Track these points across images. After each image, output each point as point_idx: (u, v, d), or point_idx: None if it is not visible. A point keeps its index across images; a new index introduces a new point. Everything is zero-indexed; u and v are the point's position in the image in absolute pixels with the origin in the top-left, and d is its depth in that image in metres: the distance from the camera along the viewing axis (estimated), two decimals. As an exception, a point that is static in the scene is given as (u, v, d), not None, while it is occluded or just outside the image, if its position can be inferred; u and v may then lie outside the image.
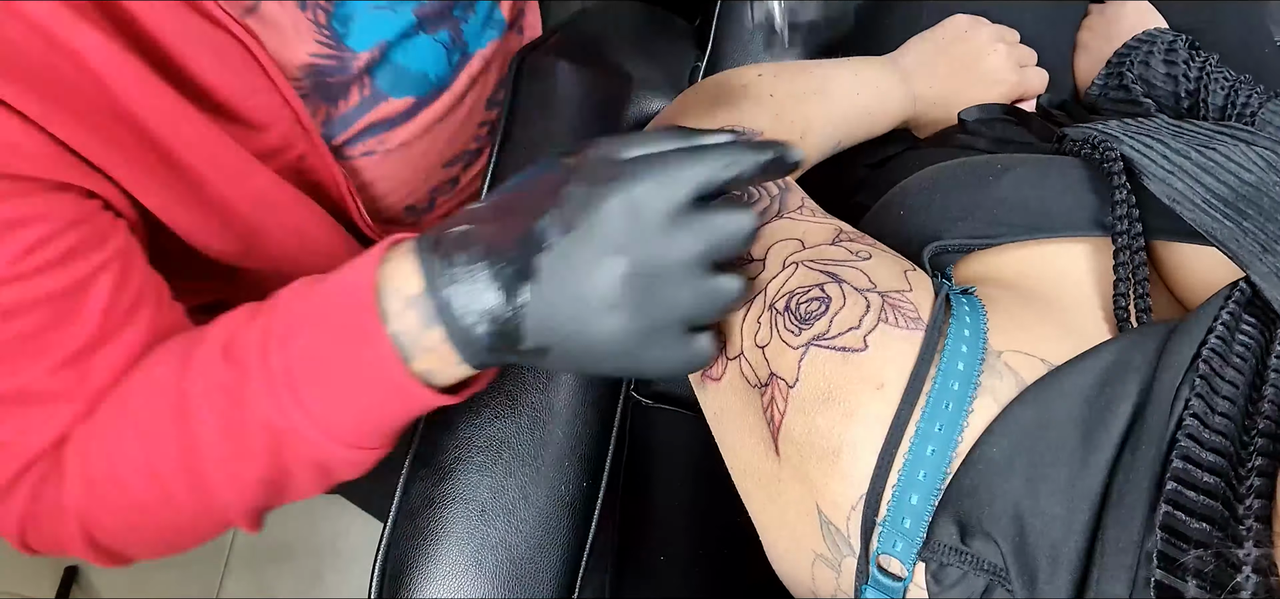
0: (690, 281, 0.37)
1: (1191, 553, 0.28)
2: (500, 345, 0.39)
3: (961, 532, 0.32)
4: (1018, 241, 0.42)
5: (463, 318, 0.38)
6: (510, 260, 0.37)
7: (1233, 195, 0.39)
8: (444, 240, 0.38)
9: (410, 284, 0.39)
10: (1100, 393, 0.33)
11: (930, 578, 0.32)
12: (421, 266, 0.38)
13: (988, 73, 0.63)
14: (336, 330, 0.40)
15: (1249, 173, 0.40)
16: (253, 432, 0.41)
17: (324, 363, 0.40)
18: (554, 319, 0.37)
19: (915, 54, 0.64)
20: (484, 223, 0.38)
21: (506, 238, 0.37)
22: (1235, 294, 0.35)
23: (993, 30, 0.64)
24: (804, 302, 0.38)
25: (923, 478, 0.33)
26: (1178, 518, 0.28)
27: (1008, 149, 0.55)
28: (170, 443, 0.43)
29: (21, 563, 1.33)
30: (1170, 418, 0.31)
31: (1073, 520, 0.31)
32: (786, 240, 0.41)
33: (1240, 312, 0.35)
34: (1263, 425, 0.30)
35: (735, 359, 0.40)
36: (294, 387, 0.40)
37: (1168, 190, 0.40)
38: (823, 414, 0.35)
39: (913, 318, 0.36)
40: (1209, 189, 0.39)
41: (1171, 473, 0.29)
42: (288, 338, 0.40)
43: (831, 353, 0.36)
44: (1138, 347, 0.34)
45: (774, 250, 0.41)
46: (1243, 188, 0.39)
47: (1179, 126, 0.45)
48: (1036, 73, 0.65)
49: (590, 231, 0.36)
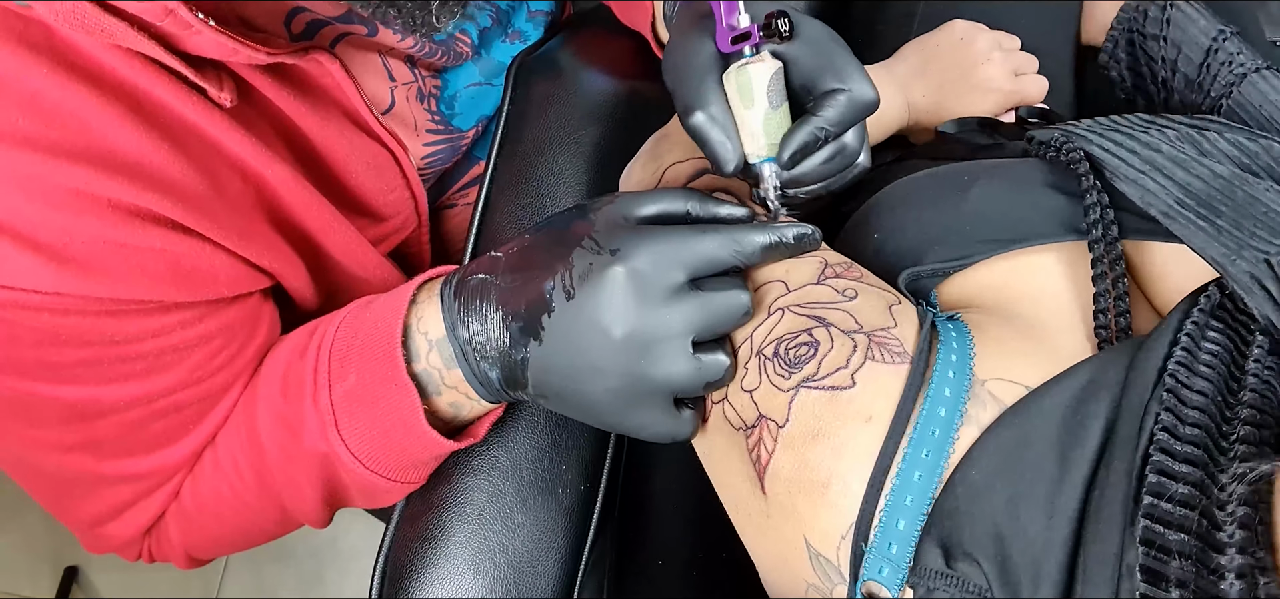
0: (680, 357, 0.38)
1: (1173, 563, 0.28)
2: (509, 386, 0.43)
3: (946, 555, 0.32)
4: (992, 257, 0.42)
5: (478, 362, 0.42)
6: (518, 317, 0.40)
7: (1206, 191, 0.38)
8: (465, 287, 0.43)
9: (434, 328, 0.43)
10: (1075, 412, 0.33)
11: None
12: (443, 312, 0.43)
13: (983, 81, 0.62)
14: (370, 374, 0.44)
15: (1222, 166, 0.40)
16: (310, 460, 0.46)
17: (360, 402, 0.44)
18: (551, 374, 0.40)
19: (910, 61, 0.64)
20: (502, 273, 0.42)
21: (518, 297, 0.40)
22: (1200, 302, 0.35)
23: (991, 37, 0.63)
24: (793, 347, 0.38)
25: (909, 503, 0.33)
26: (1155, 530, 0.28)
27: (982, 154, 0.55)
28: (248, 474, 0.48)
29: (21, 563, 1.34)
30: (1140, 432, 0.31)
31: (1053, 538, 0.31)
32: (771, 282, 0.41)
33: (1206, 319, 0.35)
34: (1242, 431, 0.30)
35: (720, 403, 0.40)
36: (337, 423, 0.44)
37: (1140, 191, 0.40)
38: (812, 449, 0.35)
39: (898, 352, 0.37)
40: (1182, 186, 0.39)
41: (1146, 486, 0.29)
42: (333, 379, 0.45)
43: (820, 392, 0.36)
44: (1111, 364, 0.34)
45: (758, 294, 0.41)
46: (1215, 182, 0.39)
47: (1151, 120, 0.45)
48: (1035, 81, 0.63)
49: (589, 303, 0.38)
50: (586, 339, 0.38)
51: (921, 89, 0.62)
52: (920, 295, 0.43)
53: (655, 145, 0.54)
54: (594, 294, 0.38)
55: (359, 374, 0.44)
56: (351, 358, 0.45)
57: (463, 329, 0.42)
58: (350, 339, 0.45)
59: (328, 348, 0.46)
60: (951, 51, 0.63)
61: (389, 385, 0.43)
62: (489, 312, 0.41)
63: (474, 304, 0.42)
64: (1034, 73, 0.64)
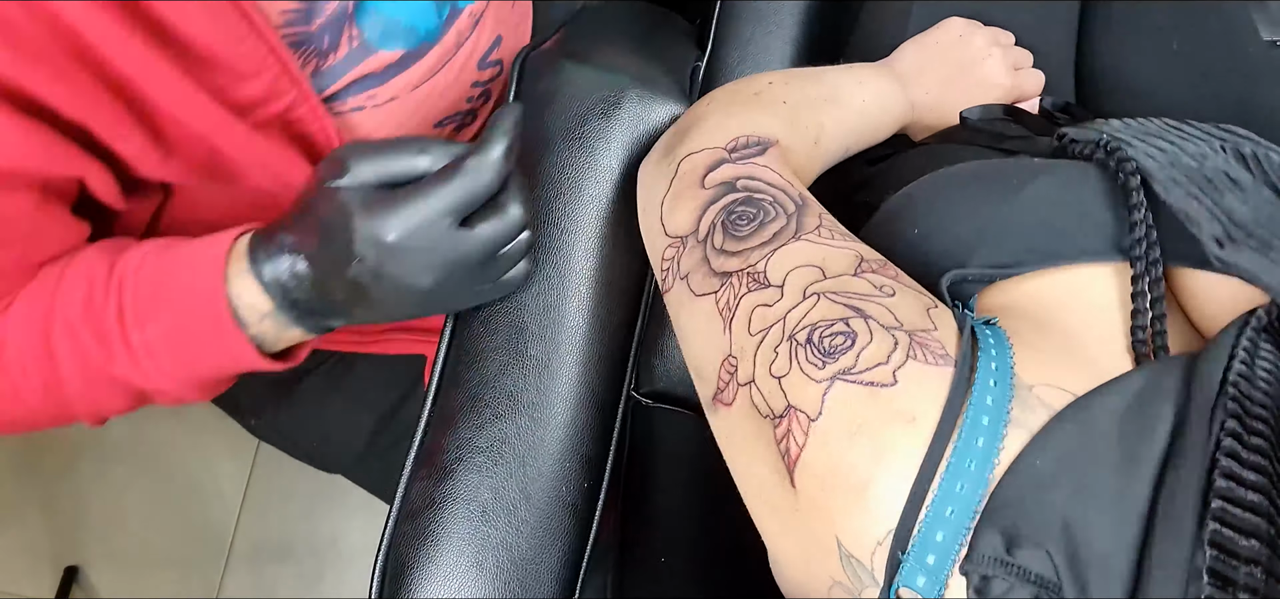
0: (483, 274, 0.49)
1: (1242, 569, 0.28)
2: (315, 306, 0.49)
3: (1007, 543, 0.31)
4: (1038, 270, 0.41)
5: (286, 288, 0.48)
6: (340, 289, 0.48)
7: (1255, 216, 0.38)
8: (265, 236, 0.49)
9: (243, 268, 0.48)
10: (1138, 413, 0.32)
11: (973, 592, 0.31)
12: (248, 254, 0.48)
13: (984, 78, 0.62)
14: (187, 310, 0.48)
15: (1266, 188, 0.39)
16: (117, 386, 0.50)
17: (180, 339, 0.49)
18: (382, 292, 0.47)
19: (910, 59, 0.64)
20: (291, 229, 0.48)
21: (330, 279, 0.47)
22: (1253, 322, 0.35)
23: (988, 34, 0.64)
24: (828, 335, 0.37)
25: (950, 515, 0.32)
26: (1226, 535, 0.28)
27: (1007, 143, 0.54)
28: (36, 380, 0.50)
29: (21, 563, 1.33)
30: (1208, 438, 0.31)
31: (1121, 534, 0.30)
32: (805, 266, 0.40)
33: (1258, 338, 0.34)
34: None
35: (747, 386, 0.39)
36: (156, 358, 0.48)
37: (1186, 210, 0.39)
38: (851, 448, 0.34)
39: (941, 355, 0.35)
40: (1230, 212, 0.38)
41: (1216, 491, 0.29)
42: (147, 318, 0.48)
43: (859, 388, 0.35)
44: (1166, 373, 0.34)
45: (793, 277, 0.40)
46: (1265, 206, 0.38)
47: (1181, 128, 0.45)
48: (1032, 75, 0.64)
49: (393, 290, 0.47)
50: (405, 286, 0.47)
51: (923, 87, 0.62)
52: (961, 298, 0.42)
53: (670, 139, 0.53)
54: (395, 287, 0.46)
55: (177, 315, 0.48)
56: (167, 301, 0.48)
57: (267, 265, 0.48)
58: (163, 281, 0.48)
59: (138, 285, 0.48)
60: (951, 49, 0.63)
61: (209, 321, 0.48)
62: (297, 265, 0.48)
63: (279, 254, 0.48)
64: (1030, 67, 0.65)
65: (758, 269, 0.41)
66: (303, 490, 1.34)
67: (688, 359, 0.45)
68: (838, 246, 0.41)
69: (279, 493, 1.35)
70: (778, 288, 0.40)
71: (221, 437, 1.34)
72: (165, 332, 0.48)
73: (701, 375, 0.43)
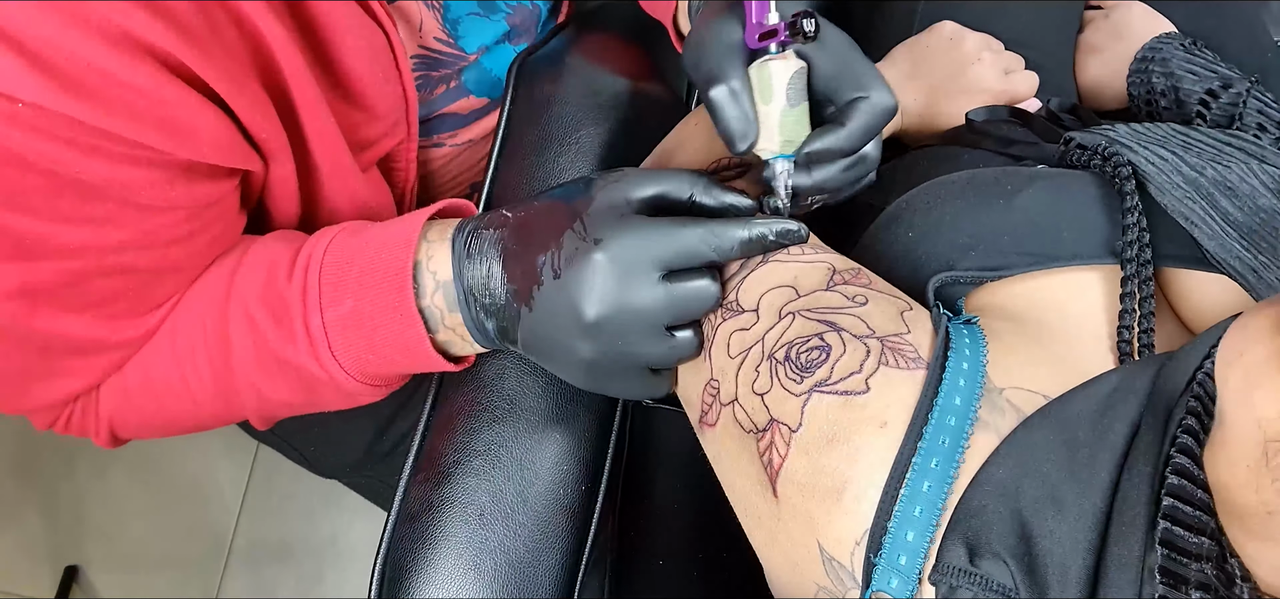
0: (651, 339, 0.42)
1: (1193, 566, 0.28)
2: (501, 338, 0.47)
3: (970, 553, 0.32)
4: (1027, 273, 0.42)
5: (478, 311, 0.46)
6: (514, 280, 0.44)
7: (1249, 223, 0.39)
8: (476, 237, 0.46)
9: (443, 270, 0.46)
10: (1102, 416, 0.33)
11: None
12: (453, 258, 0.46)
13: (973, 81, 0.62)
14: (374, 301, 0.46)
15: (1264, 197, 0.40)
16: (289, 373, 0.48)
17: (362, 329, 0.47)
18: (538, 339, 0.44)
19: (901, 64, 0.64)
20: (510, 233, 0.45)
21: (516, 263, 0.44)
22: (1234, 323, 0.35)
23: (977, 39, 0.63)
24: (804, 351, 0.38)
25: (918, 514, 0.33)
26: (1176, 533, 0.29)
27: (1014, 148, 0.55)
28: (206, 370, 0.49)
29: (21, 563, 1.34)
30: (1165, 437, 0.31)
31: (1079, 539, 0.31)
32: (778, 288, 0.42)
33: None
34: None
35: (729, 405, 0.40)
36: (334, 347, 0.47)
37: (1184, 212, 0.40)
38: (827, 455, 0.35)
39: (913, 358, 0.37)
40: (1226, 215, 0.39)
41: (1167, 488, 0.29)
42: (329, 304, 0.46)
43: (835, 397, 0.36)
44: (1140, 373, 0.34)
45: (767, 300, 0.41)
46: (1260, 213, 0.39)
47: (1187, 135, 0.45)
48: (1024, 77, 0.64)
49: (571, 285, 0.42)
50: (567, 317, 0.42)
51: (913, 92, 0.62)
52: (950, 300, 0.43)
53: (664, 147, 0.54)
54: (575, 278, 0.41)
55: (357, 301, 0.46)
56: (348, 285, 0.46)
57: (468, 277, 0.45)
58: (345, 264, 0.47)
59: (317, 270, 0.47)
60: (941, 53, 0.63)
61: (393, 316, 0.46)
62: (492, 268, 0.45)
63: (480, 257, 0.45)
64: (1022, 70, 0.64)
65: (730, 298, 0.43)
66: (302, 491, 1.34)
67: (678, 391, 0.47)
68: (809, 261, 0.42)
69: (278, 493, 1.35)
70: (752, 312, 0.41)
71: (221, 437, 1.34)
72: (348, 315, 0.47)
73: (689, 403, 0.45)
